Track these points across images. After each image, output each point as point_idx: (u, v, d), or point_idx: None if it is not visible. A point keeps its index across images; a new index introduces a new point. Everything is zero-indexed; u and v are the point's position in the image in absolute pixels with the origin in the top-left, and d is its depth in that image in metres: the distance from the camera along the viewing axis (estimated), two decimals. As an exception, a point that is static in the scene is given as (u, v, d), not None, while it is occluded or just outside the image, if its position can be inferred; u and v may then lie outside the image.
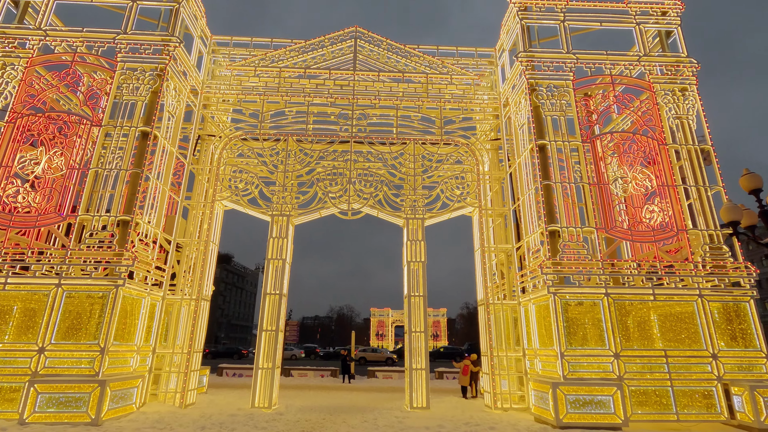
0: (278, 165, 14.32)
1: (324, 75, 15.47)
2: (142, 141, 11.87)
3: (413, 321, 12.90)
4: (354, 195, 14.12)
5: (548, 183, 11.99)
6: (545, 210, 11.72)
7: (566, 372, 10.23)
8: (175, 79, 13.06)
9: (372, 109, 15.19)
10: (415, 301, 13.10)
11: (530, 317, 12.17)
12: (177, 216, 13.49)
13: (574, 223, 11.58)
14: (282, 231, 13.58)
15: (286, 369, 23.09)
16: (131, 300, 10.98)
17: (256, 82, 15.15)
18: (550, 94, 12.89)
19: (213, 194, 13.90)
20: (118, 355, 10.43)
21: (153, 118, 12.05)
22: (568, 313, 10.79)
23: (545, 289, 11.14)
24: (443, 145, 14.91)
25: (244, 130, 14.78)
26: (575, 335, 10.62)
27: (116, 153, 11.58)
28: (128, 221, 11.00)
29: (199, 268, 13.27)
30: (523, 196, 13.14)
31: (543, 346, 11.44)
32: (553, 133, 12.51)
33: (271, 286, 13.03)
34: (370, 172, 14.49)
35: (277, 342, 12.65)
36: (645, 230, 11.69)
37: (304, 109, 15.00)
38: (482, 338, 13.48)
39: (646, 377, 10.31)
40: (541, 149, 12.40)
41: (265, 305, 12.87)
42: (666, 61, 13.44)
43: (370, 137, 14.83)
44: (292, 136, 14.63)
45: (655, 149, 12.38)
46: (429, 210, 14.13)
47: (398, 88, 15.42)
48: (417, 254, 13.52)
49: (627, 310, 10.89)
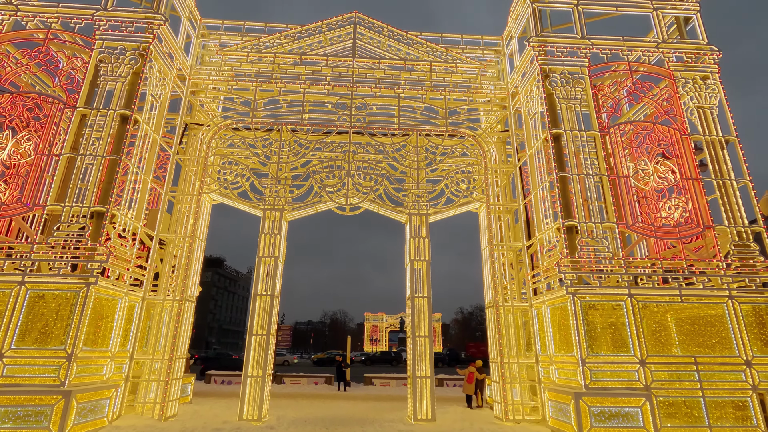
0: (271, 156, 13.29)
1: (321, 62, 14.52)
2: (121, 126, 10.81)
3: (417, 324, 11.88)
4: (353, 189, 13.12)
5: (564, 175, 11.09)
6: (561, 204, 10.81)
7: (588, 381, 9.26)
8: (159, 61, 12.02)
9: (372, 98, 14.25)
10: (418, 303, 12.09)
11: (544, 320, 11.21)
12: (161, 210, 12.40)
13: (593, 218, 10.67)
14: (274, 227, 12.53)
15: (278, 376, 21.91)
16: (106, 300, 9.86)
17: (248, 68, 14.15)
18: (564, 81, 12.03)
19: (200, 186, 12.82)
20: (89, 363, 9.30)
21: (134, 101, 10.99)
22: (588, 315, 9.85)
23: (562, 290, 10.20)
24: (448, 136, 13.99)
25: (235, 118, 13.75)
26: (597, 340, 9.67)
27: (92, 138, 10.49)
28: (103, 213, 9.90)
29: (183, 266, 12.16)
30: (535, 190, 12.23)
31: (560, 352, 10.48)
32: (568, 122, 11.63)
33: (262, 287, 11.95)
34: (370, 165, 13.51)
35: (268, 347, 11.57)
36: (668, 226, 10.81)
37: (300, 97, 14.02)
38: (491, 343, 12.48)
39: (675, 386, 9.37)
40: (555, 139, 11.52)
41: (256, 307, 11.78)
42: (686, 48, 12.66)
43: (370, 127, 13.86)
44: (287, 126, 13.62)
45: (677, 140, 11.55)
46: (433, 205, 13.16)
47: (400, 77, 14.49)
48: (421, 252, 12.53)
49: (652, 313, 9.97)
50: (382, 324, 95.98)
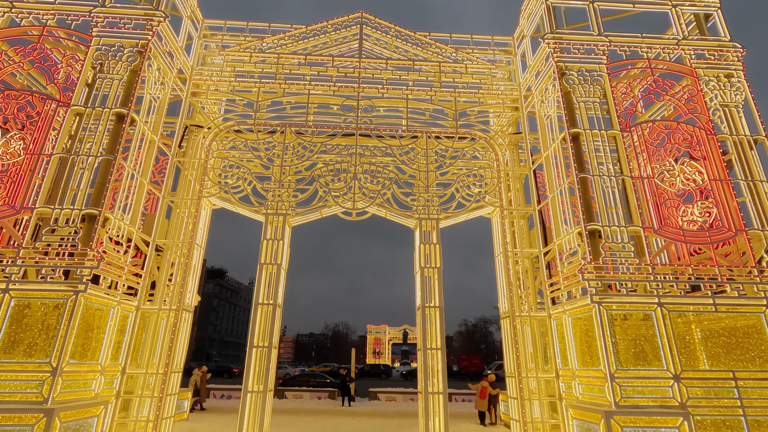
0: (274, 159, 12.73)
1: (327, 62, 14.05)
2: (117, 125, 10.27)
3: (428, 336, 11.15)
4: (359, 193, 12.50)
5: (585, 176, 10.46)
6: (583, 207, 10.16)
7: (618, 398, 8.49)
8: (158, 59, 11.55)
9: (379, 99, 13.72)
10: (430, 313, 11.37)
11: (565, 332, 10.47)
12: (158, 214, 11.80)
13: (616, 222, 10.01)
14: (277, 232, 11.90)
15: (280, 390, 21.06)
16: (96, 310, 9.20)
17: (251, 69, 13.68)
18: (582, 78, 11.47)
19: (200, 190, 12.24)
20: (76, 377, 8.60)
21: (131, 99, 10.48)
22: (615, 326, 9.12)
23: (586, 299, 9.49)
24: (458, 138, 13.41)
25: (237, 120, 13.24)
26: (625, 353, 8.92)
27: (85, 138, 9.95)
28: (95, 216, 9.30)
29: (181, 273, 11.51)
30: (552, 193, 11.58)
31: (584, 366, 9.71)
32: (586, 121, 11.04)
33: (264, 296, 11.27)
34: (377, 169, 12.92)
35: (270, 360, 10.84)
36: (698, 230, 10.12)
37: (304, 99, 13.51)
38: (507, 357, 11.72)
39: (714, 404, 8.58)
40: (574, 139, 10.91)
41: (257, 317, 11.09)
42: (707, 45, 12.12)
43: (377, 129, 13.31)
44: (291, 127, 13.08)
45: (702, 139, 10.93)
46: (444, 209, 12.52)
47: (408, 78, 13.99)
48: (431, 259, 11.85)
49: (683, 323, 9.22)
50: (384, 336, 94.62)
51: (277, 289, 11.40)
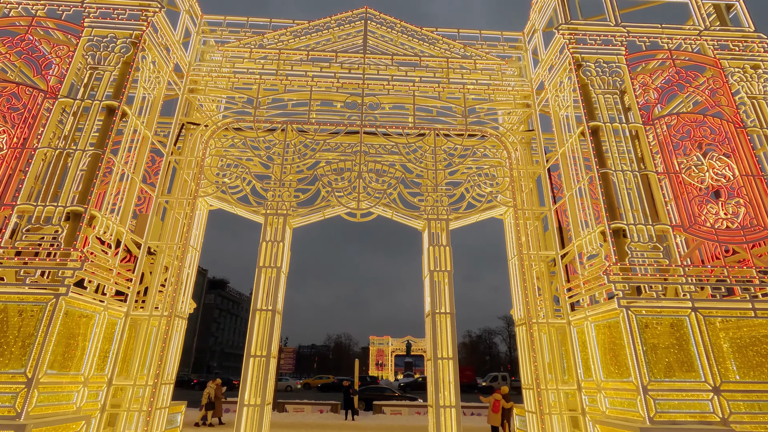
0: (274, 158, 12.08)
1: (330, 58, 13.50)
2: (108, 119, 9.67)
3: (439, 345, 10.34)
4: (363, 192, 11.81)
5: (606, 171, 9.76)
6: (605, 204, 9.43)
7: (652, 413, 7.66)
8: (153, 52, 11.00)
9: (384, 96, 13.12)
10: (440, 320, 10.58)
11: (588, 340, 9.66)
12: (151, 215, 11.13)
13: (642, 220, 9.27)
14: (277, 234, 11.20)
15: (280, 403, 20.12)
16: (80, 315, 8.47)
17: (251, 65, 13.13)
18: (600, 70, 10.85)
19: (195, 189, 11.59)
20: (54, 389, 7.84)
21: (123, 92, 9.89)
22: (646, 333, 8.32)
23: (611, 303, 8.72)
24: (468, 136, 12.76)
25: (236, 117, 12.64)
26: (659, 363, 8.10)
27: (72, 131, 9.34)
28: (80, 213, 8.63)
29: (174, 278, 10.79)
30: (570, 192, 10.87)
31: (610, 377, 8.89)
32: (606, 114, 10.38)
33: (263, 301, 10.53)
34: (383, 168, 12.25)
35: (268, 371, 10.05)
36: (730, 229, 9.36)
37: (307, 96, 12.93)
38: (524, 367, 10.89)
39: (759, 419, 7.74)
40: (593, 133, 10.24)
41: (255, 325, 10.33)
42: (731, 35, 11.50)
43: (383, 126, 12.68)
44: (292, 125, 12.47)
45: (730, 133, 10.24)
46: (454, 209, 11.81)
47: (414, 74, 13.42)
48: (441, 262, 11.11)
49: (721, 330, 8.41)
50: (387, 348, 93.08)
51: (277, 295, 10.66)
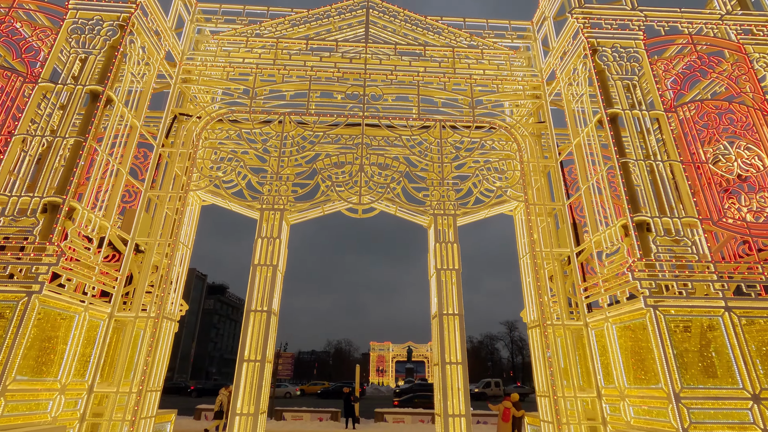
0: (271, 150, 11.42)
1: (330, 47, 12.88)
2: (91, 104, 9.01)
3: (447, 348, 9.60)
4: (365, 187, 11.12)
5: (627, 161, 9.07)
6: (627, 196, 8.73)
7: (686, 423, 6.91)
8: (143, 36, 10.37)
9: (387, 87, 12.47)
10: (448, 322, 9.85)
11: (609, 343, 8.92)
12: (139, 210, 10.44)
13: (668, 213, 8.57)
14: (274, 230, 10.51)
15: (278, 411, 19.32)
16: (56, 316, 7.76)
17: (248, 54, 12.51)
18: (617, 55, 10.20)
19: (187, 183, 10.90)
20: (26, 397, 7.12)
21: (108, 76, 9.24)
22: (675, 335, 7.59)
23: (636, 302, 8.00)
24: (475, 128, 12.10)
25: (231, 108, 11.99)
26: (691, 367, 7.37)
27: (52, 118, 8.69)
28: (58, 205, 7.95)
29: (162, 276, 10.08)
30: (586, 185, 10.18)
31: (635, 383, 8.14)
32: (625, 101, 9.72)
33: (257, 301, 9.81)
34: (386, 162, 11.57)
35: (263, 377, 9.30)
36: (764, 222, 8.65)
37: (305, 87, 12.28)
38: (538, 373, 10.13)
39: (804, 431, 6.98)
40: (612, 120, 9.57)
41: (249, 327, 9.60)
42: (755, 20, 10.87)
43: (386, 117, 12.02)
44: (290, 116, 11.81)
45: (760, 121, 9.56)
46: (462, 205, 11.11)
47: (418, 64, 12.79)
48: (449, 260, 10.40)
49: (758, 332, 7.68)
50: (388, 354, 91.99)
51: (273, 294, 9.94)
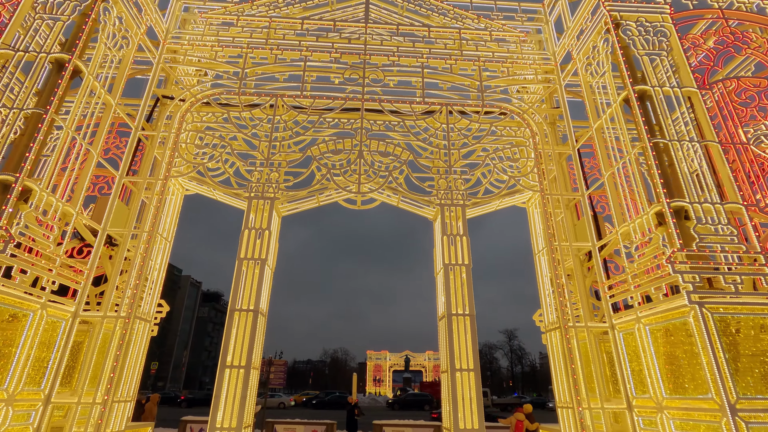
0: (261, 135, 10.40)
1: (328, 28, 11.94)
2: (55, 75, 7.98)
3: (457, 354, 8.49)
4: (364, 175, 10.10)
5: (659, 141, 8.09)
6: (662, 179, 7.73)
7: (746, 441, 5.83)
8: (120, 5, 9.39)
9: (389, 72, 11.51)
10: (457, 324, 8.75)
11: (642, 346, 7.84)
12: (112, 197, 9.35)
13: (709, 198, 7.57)
14: (263, 220, 9.44)
15: (269, 423, 18.01)
16: (4, 313, 6.64)
17: (238, 32, 11.55)
18: (642, 29, 9.29)
19: (167, 168, 9.84)
20: (-39, 409, 5.97)
21: (77, 44, 8.23)
22: (725, 337, 6.54)
23: (676, 299, 6.96)
24: (485, 113, 11.13)
25: (219, 90, 10.99)
26: (746, 375, 6.30)
27: (8, 90, 7.65)
28: (10, 184, 6.87)
29: (136, 271, 8.95)
30: (610, 171, 9.18)
31: (676, 392, 7.06)
32: (653, 78, 8.77)
33: (242, 300, 8.70)
34: (387, 150, 10.57)
35: (248, 386, 8.16)
36: (815, 210, 7.65)
37: (300, 70, 11.29)
38: (558, 381, 9.03)
39: None
40: (640, 98, 8.61)
41: (232, 329, 8.47)
42: (789, -6, 10.01)
43: (388, 101, 11.04)
44: (283, 98, 10.82)
45: (803, 100, 8.63)
46: (471, 194, 10.09)
47: (423, 46, 11.86)
48: (457, 254, 9.34)
49: (820, 333, 6.64)
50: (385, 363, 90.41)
51: (260, 292, 8.84)
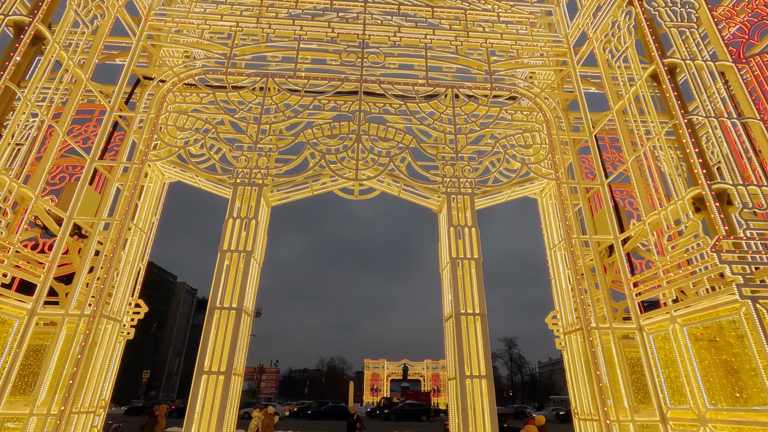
0: (250, 119, 9.47)
1: (324, 5, 11.09)
2: (14, 40, 7.06)
3: (467, 358, 7.50)
4: (363, 161, 9.17)
5: (694, 117, 7.21)
6: (700, 159, 6.83)
7: (820, 462, 4.85)
8: (93, -30, 8.51)
9: (390, 54, 10.64)
10: (467, 324, 7.77)
11: (678, 349, 6.87)
12: (81, 183, 8.38)
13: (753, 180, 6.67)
14: (250, 209, 8.47)
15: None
16: (-62, 307, 5.64)
17: (227, 9, 10.69)
18: (669, 0, 8.47)
19: (145, 152, 8.88)
20: None
21: (40, 6, 7.32)
22: (785, 337, 5.59)
23: (721, 294, 6.03)
24: (493, 97, 10.26)
25: (205, 69, 10.09)
26: (813, 382, 5.35)
27: (-39, 51, 6.73)
28: (-50, 156, 5.91)
29: (105, 265, 7.94)
30: (635, 155, 8.29)
31: (724, 403, 6.09)
32: (684, 51, 7.93)
33: (224, 297, 7.70)
34: (387, 136, 9.66)
35: (228, 394, 7.13)
36: None
37: (293, 52, 10.40)
38: (577, 389, 8.02)
39: None
40: (670, 72, 7.75)
41: (212, 329, 7.46)
42: (825, -33, 9.22)
43: (388, 83, 10.16)
44: (274, 78, 9.92)
45: None
46: (481, 183, 9.17)
47: (426, 27, 11.03)
48: (466, 248, 8.39)
49: None
50: (383, 372, 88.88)
51: (245, 289, 7.84)
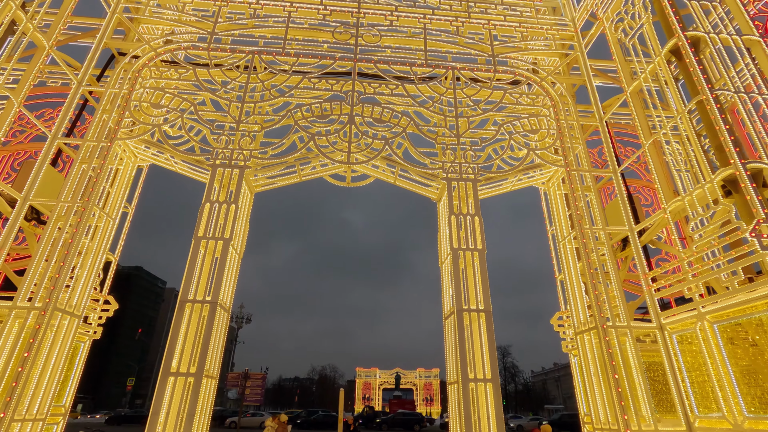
0: (233, 97, 8.67)
1: (316, -18, 10.39)
2: (-38, -8, 6.23)
3: (470, 360, 6.67)
4: (356, 143, 8.38)
5: (723, 93, 6.54)
6: (732, 137, 6.13)
7: None
8: (60, -72, 7.73)
9: (387, 32, 9.94)
10: (470, 321, 6.96)
11: (708, 350, 6.12)
12: (40, 161, 7.50)
13: (790, 161, 5.98)
14: (230, 194, 7.64)
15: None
16: None
17: (211, -15, 9.95)
18: (688, -27, 7.86)
19: (114, 130, 8.02)
20: None
21: (-6, -41, 6.52)
22: (839, 333, 4.85)
23: (762, 287, 5.29)
24: (496, 80, 9.56)
25: (185, 44, 9.30)
26: None
27: None
28: None
29: (60, 253, 7.04)
30: (654, 137, 7.60)
31: (763, 410, 5.32)
32: (707, 24, 7.30)
33: (197, 289, 6.83)
34: (381, 118, 8.89)
35: (199, 400, 6.23)
36: None
37: (282, 30, 9.66)
38: (587, 396, 7.22)
39: None
40: (694, 44, 7.09)
41: (181, 325, 6.58)
42: None
43: (384, 63, 9.43)
44: (261, 55, 9.15)
45: None
46: (485, 169, 8.41)
47: (425, 7, 10.36)
48: (468, 238, 7.61)
49: None
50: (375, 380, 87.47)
51: (222, 280, 6.97)
